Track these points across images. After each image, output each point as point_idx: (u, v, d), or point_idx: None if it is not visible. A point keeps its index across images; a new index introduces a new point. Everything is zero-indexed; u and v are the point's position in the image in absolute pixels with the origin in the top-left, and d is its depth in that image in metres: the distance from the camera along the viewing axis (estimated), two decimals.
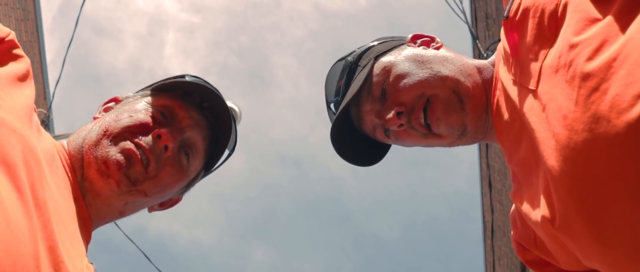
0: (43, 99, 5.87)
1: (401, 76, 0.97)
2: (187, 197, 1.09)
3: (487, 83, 0.99)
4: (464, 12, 5.34)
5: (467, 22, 5.42)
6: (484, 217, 6.60)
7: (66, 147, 0.93)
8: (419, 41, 1.06)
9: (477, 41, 5.61)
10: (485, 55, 5.37)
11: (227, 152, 1.08)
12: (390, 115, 0.96)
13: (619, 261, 0.72)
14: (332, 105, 1.10)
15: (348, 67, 1.05)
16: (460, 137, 0.99)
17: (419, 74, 0.96)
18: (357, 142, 1.08)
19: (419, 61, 0.98)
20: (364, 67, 1.02)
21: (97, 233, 0.97)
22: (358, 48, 1.09)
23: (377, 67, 1.01)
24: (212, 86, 1.04)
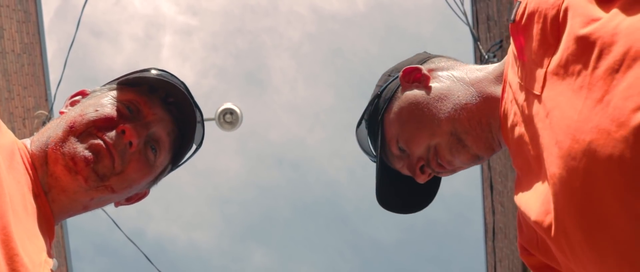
0: (44, 101, 5.87)
1: (407, 136, 1.09)
2: (185, 199, 1.09)
3: (491, 99, 1.00)
4: (465, 14, 5.35)
5: (468, 24, 5.43)
6: (485, 218, 6.60)
7: (29, 146, 0.93)
8: (410, 79, 1.12)
9: (479, 43, 5.61)
10: (486, 57, 5.38)
11: (194, 146, 1.08)
12: (417, 172, 1.11)
13: None
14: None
15: (368, 134, 1.21)
16: (480, 160, 1.07)
17: (420, 129, 1.07)
18: (406, 181, 1.19)
19: (416, 113, 1.07)
20: (378, 134, 1.16)
21: (96, 235, 0.97)
22: (368, 105, 1.21)
23: (387, 128, 1.13)
24: (177, 80, 1.04)
